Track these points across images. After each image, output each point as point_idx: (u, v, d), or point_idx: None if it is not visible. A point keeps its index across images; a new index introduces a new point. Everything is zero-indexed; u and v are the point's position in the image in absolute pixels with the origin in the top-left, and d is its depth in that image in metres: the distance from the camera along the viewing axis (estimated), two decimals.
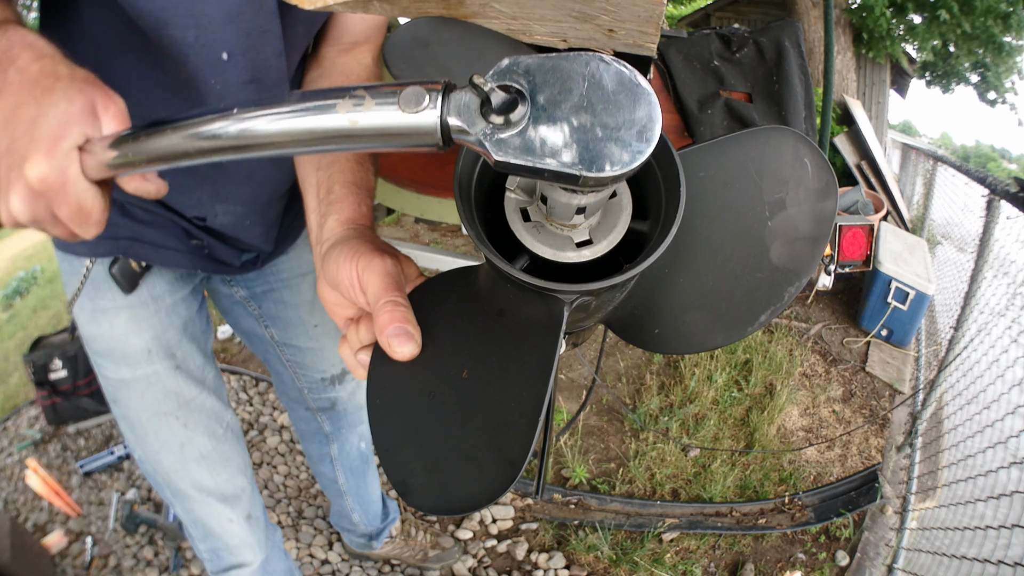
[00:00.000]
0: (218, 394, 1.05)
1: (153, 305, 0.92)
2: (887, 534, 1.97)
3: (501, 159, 0.29)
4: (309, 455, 1.52)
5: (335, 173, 0.63)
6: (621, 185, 0.41)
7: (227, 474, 1.07)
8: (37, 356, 2.34)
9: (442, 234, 4.24)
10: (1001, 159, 25.08)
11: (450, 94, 0.31)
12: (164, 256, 0.88)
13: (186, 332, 0.98)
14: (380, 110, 0.31)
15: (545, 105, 0.29)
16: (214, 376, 1.05)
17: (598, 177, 0.27)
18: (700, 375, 2.62)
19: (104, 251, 0.85)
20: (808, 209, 0.43)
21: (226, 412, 1.07)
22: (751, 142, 0.44)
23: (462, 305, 0.45)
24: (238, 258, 0.96)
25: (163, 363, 0.94)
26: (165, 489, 1.06)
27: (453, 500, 0.38)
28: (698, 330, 0.45)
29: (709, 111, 1.72)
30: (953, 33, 6.43)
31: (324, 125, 0.32)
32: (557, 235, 0.40)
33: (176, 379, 0.96)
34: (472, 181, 0.40)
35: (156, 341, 0.93)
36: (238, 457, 1.10)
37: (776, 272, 0.43)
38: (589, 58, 0.29)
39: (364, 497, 1.60)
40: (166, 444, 0.99)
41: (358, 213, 0.59)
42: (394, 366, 0.43)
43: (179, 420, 0.98)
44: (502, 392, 0.40)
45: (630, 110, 0.28)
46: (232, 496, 1.09)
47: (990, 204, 1.95)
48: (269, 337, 1.19)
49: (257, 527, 1.15)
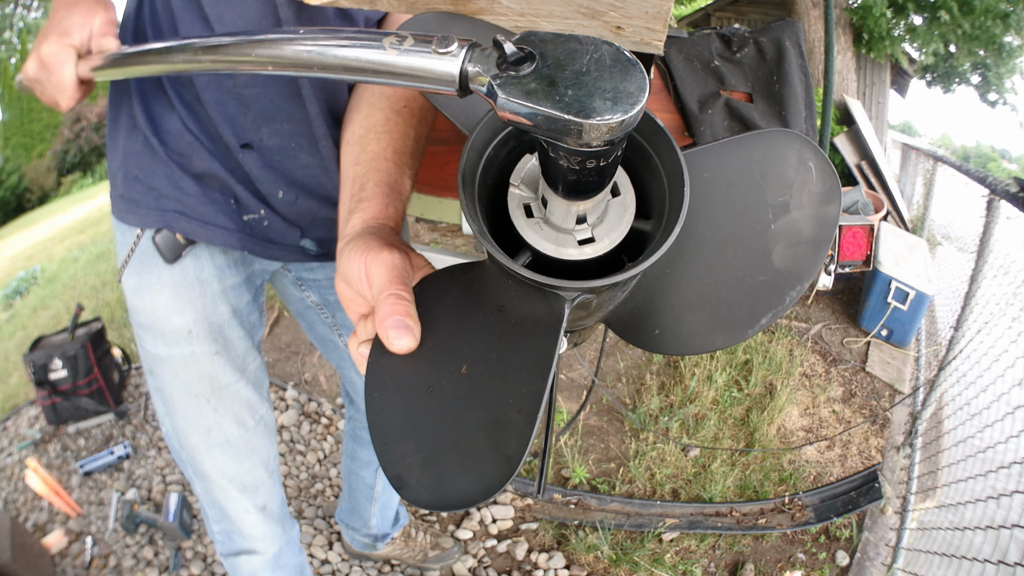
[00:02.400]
0: (257, 386, 1.04)
1: (199, 288, 0.91)
2: (887, 534, 1.97)
3: (504, 100, 0.32)
4: (354, 458, 1.51)
5: (371, 171, 0.63)
6: (624, 183, 0.41)
7: (249, 464, 1.07)
8: (37, 356, 2.34)
9: (442, 234, 4.24)
10: (1001, 159, 25.06)
11: (475, 48, 0.35)
12: (211, 233, 0.86)
13: (234, 319, 0.96)
14: (416, 48, 0.36)
15: (551, 65, 0.32)
16: (256, 368, 1.04)
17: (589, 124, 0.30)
18: (700, 375, 2.62)
19: (151, 222, 0.85)
20: (811, 213, 0.43)
21: (262, 405, 1.06)
22: (756, 144, 0.44)
23: (463, 300, 0.45)
24: (297, 237, 0.92)
25: (203, 345, 0.93)
26: (188, 467, 1.07)
27: (449, 496, 0.38)
28: (698, 331, 0.45)
29: (709, 111, 1.72)
30: (953, 33, 6.43)
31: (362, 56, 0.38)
32: (560, 232, 0.40)
33: (214, 363, 0.95)
34: (476, 176, 0.40)
35: (198, 323, 0.92)
36: (263, 450, 1.09)
37: (778, 275, 0.43)
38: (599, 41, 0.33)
39: (389, 504, 1.62)
40: (194, 424, 1.00)
41: (384, 214, 0.59)
42: (393, 360, 0.43)
43: (209, 404, 0.98)
44: (501, 388, 0.40)
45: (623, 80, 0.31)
46: (251, 487, 1.09)
47: (990, 204, 1.95)
48: (344, 345, 1.17)
49: (271, 519, 1.15)
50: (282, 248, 0.92)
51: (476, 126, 0.40)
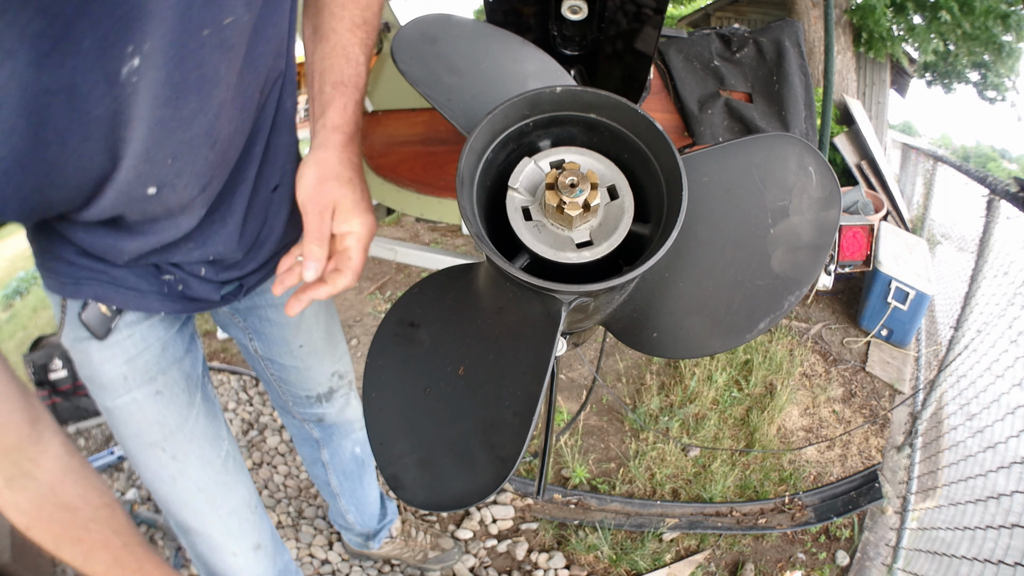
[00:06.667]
0: (211, 418, 0.98)
1: (126, 330, 0.86)
2: (887, 534, 1.97)
3: None
4: (303, 457, 1.51)
5: (326, 71, 0.72)
6: (623, 187, 0.41)
7: (229, 507, 1.01)
8: (37, 356, 2.34)
9: (442, 234, 4.24)
10: (1001, 159, 25.03)
11: None
12: (132, 299, 0.82)
13: (165, 355, 0.91)
14: None
15: None
16: (203, 399, 0.97)
17: None
18: (700, 375, 2.62)
19: (69, 293, 0.81)
20: (811, 218, 0.43)
21: (223, 438, 1.01)
22: (755, 148, 0.44)
23: (461, 302, 0.45)
24: (217, 292, 0.89)
25: (141, 390, 0.88)
26: (170, 520, 1.02)
27: (444, 496, 0.38)
28: (696, 335, 0.45)
29: (709, 111, 1.72)
30: (953, 33, 6.42)
31: None
32: (558, 235, 0.40)
33: (157, 406, 0.90)
34: (474, 179, 0.40)
35: (130, 366, 0.87)
36: (241, 487, 1.04)
37: (777, 280, 0.43)
38: None
39: (360, 499, 1.59)
40: (158, 476, 0.95)
41: (342, 118, 0.71)
42: (391, 360, 0.43)
43: (166, 452, 0.92)
44: (497, 390, 0.40)
45: None
46: (236, 530, 1.03)
47: (990, 204, 1.94)
48: (254, 351, 1.14)
49: (265, 556, 1.10)
50: (203, 303, 0.89)
51: (475, 128, 0.40)
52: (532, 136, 0.44)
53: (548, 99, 0.41)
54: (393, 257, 1.98)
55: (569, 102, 0.42)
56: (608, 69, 1.16)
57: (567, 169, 0.39)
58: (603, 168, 0.43)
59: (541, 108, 0.42)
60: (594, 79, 1.18)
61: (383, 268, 3.71)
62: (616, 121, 0.41)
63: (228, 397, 2.54)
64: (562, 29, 1.08)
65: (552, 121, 0.43)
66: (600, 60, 1.14)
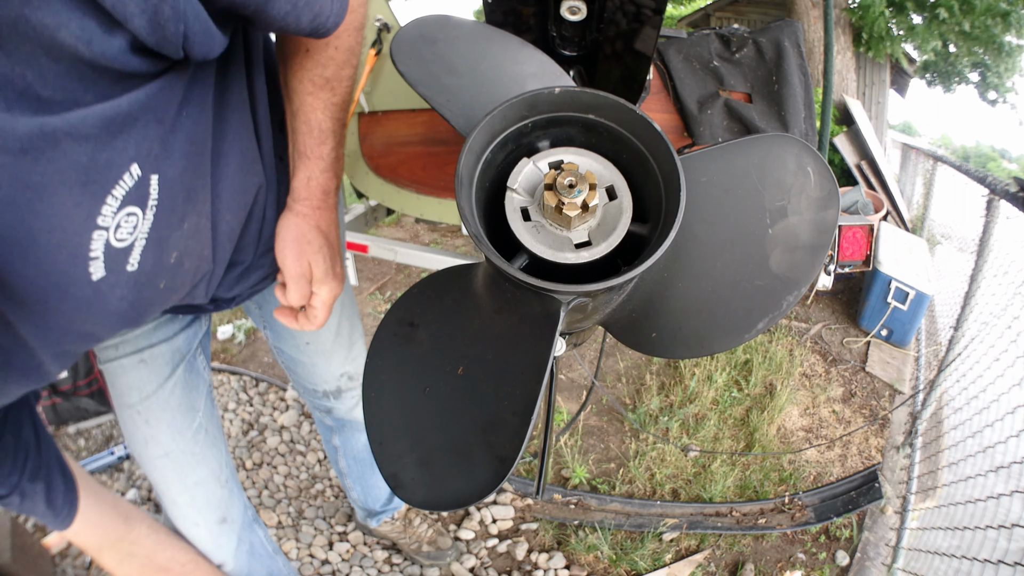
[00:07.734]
0: (188, 390, 1.01)
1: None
2: (887, 534, 1.97)
3: None
4: (320, 432, 1.57)
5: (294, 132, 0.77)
6: (622, 187, 0.41)
7: (196, 476, 1.04)
8: None
9: (442, 234, 4.25)
10: (1001, 159, 25.04)
11: None
12: None
13: (156, 332, 0.95)
14: None
15: None
16: (186, 371, 1.00)
17: None
18: (700, 375, 2.62)
19: None
20: (809, 218, 0.43)
21: (198, 410, 1.03)
22: (754, 149, 0.44)
23: (460, 302, 0.46)
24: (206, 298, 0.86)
25: (129, 357, 0.93)
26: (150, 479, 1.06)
27: (443, 495, 0.39)
28: (695, 335, 0.45)
29: (709, 111, 1.72)
30: (953, 33, 6.42)
31: None
32: (556, 235, 0.40)
33: (139, 372, 0.94)
34: (473, 179, 0.40)
35: (121, 337, 0.92)
36: (211, 459, 1.06)
37: (775, 280, 0.43)
38: None
39: (368, 484, 1.64)
40: (132, 437, 0.99)
41: (307, 191, 0.79)
42: (391, 360, 0.44)
43: (141, 415, 0.97)
44: (496, 389, 0.40)
45: None
46: (203, 502, 1.06)
47: (990, 204, 1.94)
48: (266, 338, 1.19)
49: (230, 530, 1.12)
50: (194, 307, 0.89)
51: (474, 129, 0.40)
52: (531, 137, 0.44)
53: (547, 100, 0.41)
54: (393, 257, 1.98)
55: (568, 103, 0.42)
56: (607, 70, 1.16)
57: (566, 170, 0.39)
58: (602, 169, 0.43)
59: (540, 109, 0.42)
60: (593, 80, 1.18)
61: (383, 268, 3.71)
62: (615, 122, 0.41)
63: (228, 397, 2.54)
64: (561, 30, 1.08)
65: (551, 122, 0.43)
66: (599, 61, 1.14)
